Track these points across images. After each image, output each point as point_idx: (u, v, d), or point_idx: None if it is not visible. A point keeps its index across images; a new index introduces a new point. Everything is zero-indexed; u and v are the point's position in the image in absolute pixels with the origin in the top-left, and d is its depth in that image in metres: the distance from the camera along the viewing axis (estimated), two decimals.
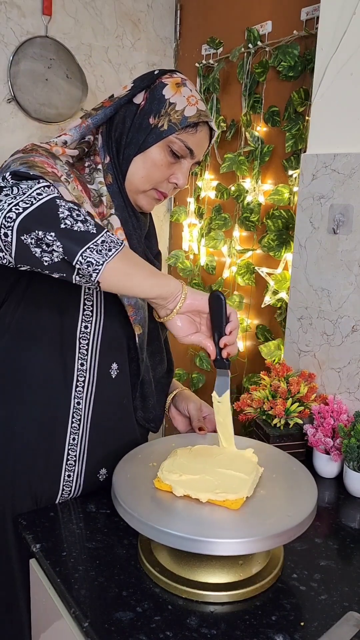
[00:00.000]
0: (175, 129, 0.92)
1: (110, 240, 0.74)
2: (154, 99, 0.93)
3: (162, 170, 0.95)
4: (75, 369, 0.94)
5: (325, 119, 1.28)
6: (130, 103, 0.95)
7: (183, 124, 0.92)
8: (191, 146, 0.94)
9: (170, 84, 0.94)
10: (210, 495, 0.79)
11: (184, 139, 0.93)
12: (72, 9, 1.89)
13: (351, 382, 1.26)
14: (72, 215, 0.72)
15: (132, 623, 0.73)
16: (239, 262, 1.82)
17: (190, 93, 0.94)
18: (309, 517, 0.78)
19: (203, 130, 0.95)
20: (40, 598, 0.90)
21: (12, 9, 1.78)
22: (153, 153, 0.93)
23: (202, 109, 0.94)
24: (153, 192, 0.97)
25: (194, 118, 0.92)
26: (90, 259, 0.71)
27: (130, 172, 0.95)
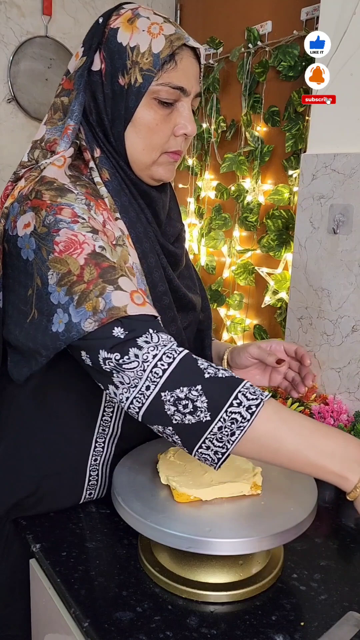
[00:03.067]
0: (152, 76, 0.75)
1: (231, 422, 0.67)
2: (112, 54, 0.76)
3: (161, 129, 0.79)
4: (103, 399, 0.90)
5: (325, 119, 1.28)
6: (91, 74, 0.79)
7: (157, 65, 0.75)
8: (179, 83, 0.77)
9: (121, 25, 0.76)
10: (231, 492, 0.81)
11: (166, 80, 0.76)
12: (72, 8, 1.89)
13: (351, 382, 1.26)
14: (179, 408, 0.67)
15: (132, 623, 0.73)
16: (239, 262, 1.82)
17: (149, 22, 0.76)
18: (309, 517, 0.78)
19: (184, 58, 0.78)
20: (40, 598, 0.90)
21: (12, 8, 1.78)
22: (141, 116, 0.78)
23: (170, 32, 0.77)
24: (164, 156, 0.82)
25: (166, 50, 0.75)
26: (237, 411, 0.66)
27: (129, 150, 0.81)
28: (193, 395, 0.67)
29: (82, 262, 0.71)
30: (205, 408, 0.67)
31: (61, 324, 0.71)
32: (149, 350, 0.69)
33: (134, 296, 0.71)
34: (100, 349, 0.70)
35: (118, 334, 0.69)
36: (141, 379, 0.69)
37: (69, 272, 0.71)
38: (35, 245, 0.73)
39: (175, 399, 0.67)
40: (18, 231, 0.75)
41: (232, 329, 1.87)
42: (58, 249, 0.71)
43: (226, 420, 0.66)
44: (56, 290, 0.71)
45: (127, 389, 0.70)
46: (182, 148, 0.83)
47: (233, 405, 0.67)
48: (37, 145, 0.84)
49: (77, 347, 0.72)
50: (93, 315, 0.69)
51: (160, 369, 0.68)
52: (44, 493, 0.93)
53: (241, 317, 1.86)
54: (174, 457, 0.89)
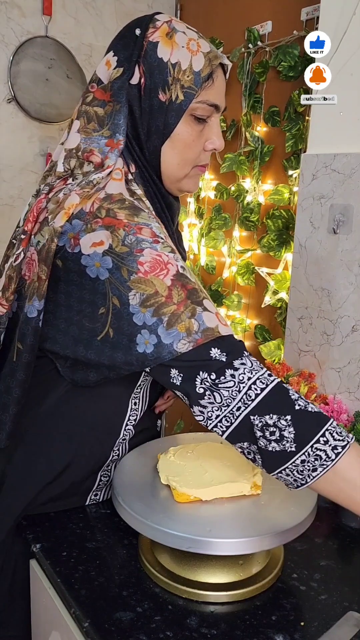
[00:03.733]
0: (194, 94, 0.76)
1: (315, 458, 0.68)
2: (152, 69, 0.76)
3: (196, 145, 0.81)
4: (129, 408, 0.92)
5: (325, 119, 1.28)
6: (129, 87, 0.78)
7: (198, 83, 0.76)
8: (215, 101, 0.79)
9: (161, 40, 0.76)
10: (232, 491, 0.81)
11: (204, 98, 0.77)
12: (72, 9, 1.89)
13: (351, 382, 1.26)
14: (266, 434, 0.69)
15: (132, 623, 0.73)
16: (239, 262, 1.82)
17: (186, 38, 0.76)
18: (309, 517, 0.78)
19: (219, 75, 0.79)
20: (40, 598, 0.90)
21: (13, 9, 1.78)
22: (180, 133, 0.78)
23: (207, 50, 0.77)
24: (194, 170, 0.84)
25: (206, 69, 0.76)
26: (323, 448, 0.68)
27: (164, 165, 0.81)
28: (282, 424, 0.69)
29: (169, 284, 0.72)
30: (292, 439, 0.68)
31: (148, 345, 0.72)
32: (244, 372, 0.71)
33: (219, 317, 0.74)
34: (200, 370, 0.71)
35: (217, 355, 0.71)
36: (234, 399, 0.71)
37: (155, 293, 0.71)
38: (112, 265, 0.72)
39: (264, 425, 0.69)
40: (82, 249, 0.73)
41: (232, 329, 1.87)
42: (143, 269, 0.71)
43: (310, 455, 0.68)
44: (140, 312, 0.71)
45: (218, 408, 0.72)
46: (208, 162, 0.86)
47: (320, 442, 0.68)
48: (73, 154, 0.81)
49: (167, 366, 0.73)
50: (187, 337, 0.71)
51: (254, 393, 0.70)
52: (52, 494, 0.93)
53: (241, 317, 1.86)
54: (174, 457, 0.89)
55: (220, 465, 0.87)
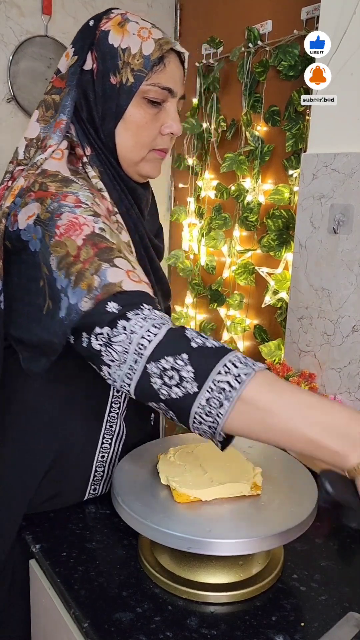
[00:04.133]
0: (143, 76, 0.79)
1: (219, 391, 0.62)
2: (104, 55, 0.80)
3: (150, 127, 0.83)
4: (111, 395, 0.92)
5: (325, 118, 1.28)
6: (82, 73, 0.81)
7: (148, 66, 0.79)
8: (167, 84, 0.81)
9: (112, 28, 0.80)
10: (232, 492, 0.81)
11: (155, 81, 0.80)
12: (72, 8, 1.88)
13: (351, 382, 1.26)
14: (165, 380, 0.64)
15: (132, 623, 0.73)
16: (239, 262, 1.82)
17: (138, 26, 0.80)
18: (309, 517, 0.78)
19: (172, 60, 0.82)
20: (40, 598, 0.90)
21: (12, 8, 1.78)
22: (132, 114, 0.81)
23: (158, 37, 0.80)
24: (152, 153, 0.86)
25: (156, 53, 0.79)
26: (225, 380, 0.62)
27: (119, 147, 0.83)
28: (179, 365, 0.63)
29: (80, 243, 0.71)
30: (192, 378, 0.63)
31: (64, 308, 0.70)
32: (137, 322, 0.67)
33: (130, 274, 0.70)
34: (96, 326, 0.68)
35: (112, 308, 0.68)
36: (128, 352, 0.66)
37: (67, 254, 0.70)
38: (41, 234, 0.72)
39: (161, 371, 0.64)
40: (20, 224, 0.74)
41: (232, 329, 1.87)
42: (59, 232, 0.71)
43: (214, 390, 0.62)
44: (58, 275, 0.70)
45: (118, 366, 0.68)
46: (168, 146, 0.87)
47: (221, 373, 0.63)
48: (33, 144, 0.84)
49: (78, 330, 0.70)
50: (88, 294, 0.68)
51: (147, 340, 0.66)
52: (50, 490, 0.93)
53: (241, 317, 1.86)
54: (174, 457, 0.89)
55: (220, 465, 0.87)
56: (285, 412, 0.63)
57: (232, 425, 0.64)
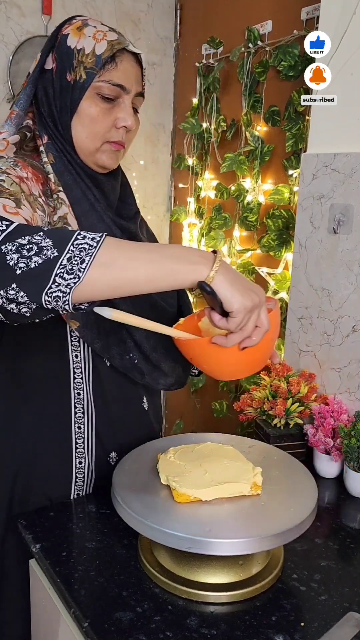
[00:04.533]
0: (94, 73, 0.86)
1: (79, 250, 0.66)
2: (62, 55, 0.88)
3: (102, 121, 0.89)
4: (71, 362, 0.94)
5: (325, 118, 1.28)
6: (44, 72, 0.90)
7: (99, 64, 0.86)
8: (119, 82, 0.87)
9: (71, 32, 0.88)
10: (232, 492, 0.81)
11: (107, 78, 0.86)
12: (72, 8, 1.89)
13: (351, 382, 1.26)
14: (23, 253, 0.65)
15: (132, 623, 0.73)
16: (239, 262, 1.81)
17: (95, 30, 0.87)
18: (309, 517, 0.78)
19: (125, 60, 0.88)
20: (40, 598, 0.90)
21: (12, 8, 1.78)
22: (85, 108, 0.88)
23: (112, 38, 0.87)
24: (107, 145, 0.91)
25: (107, 52, 0.86)
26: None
27: (75, 138, 0.90)
28: (36, 239, 0.66)
29: None
30: (51, 246, 0.66)
31: None
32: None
33: (6, 207, 0.74)
34: None
35: None
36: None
37: None
38: None
39: (18, 247, 0.66)
40: None
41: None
42: None
43: (74, 250, 0.66)
44: None
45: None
46: (123, 139, 0.91)
47: (78, 239, 0.67)
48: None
49: None
50: None
51: (0, 230, 0.67)
52: (32, 476, 0.96)
53: None
54: (174, 457, 0.89)
55: (220, 465, 0.87)
56: (142, 254, 0.69)
57: (93, 278, 0.66)
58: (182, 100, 2.14)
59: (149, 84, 2.11)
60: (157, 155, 2.20)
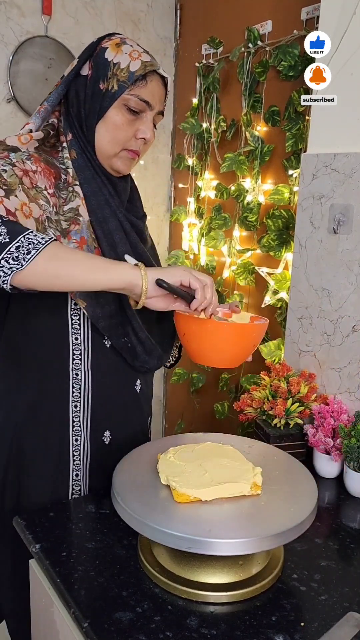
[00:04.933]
0: (126, 87, 0.94)
1: (28, 243, 0.77)
2: (98, 65, 0.95)
3: (125, 130, 0.97)
4: (71, 344, 0.99)
5: (325, 118, 1.28)
6: (79, 76, 0.98)
7: (131, 80, 0.94)
8: (146, 98, 0.95)
9: (110, 46, 0.95)
10: (232, 492, 0.81)
11: (136, 93, 0.95)
12: (72, 8, 1.88)
13: (351, 382, 1.26)
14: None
15: (132, 623, 0.73)
16: (239, 262, 1.82)
17: (131, 49, 0.95)
18: (309, 517, 0.78)
19: (154, 80, 0.96)
20: (40, 598, 0.90)
21: (12, 8, 1.78)
22: (112, 116, 0.95)
23: (146, 60, 0.95)
24: (124, 152, 0.99)
25: (140, 71, 0.94)
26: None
27: (97, 140, 0.98)
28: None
29: None
30: (4, 233, 0.77)
31: None
32: None
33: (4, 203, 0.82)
34: None
35: None
36: None
37: None
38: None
39: None
40: None
41: None
42: None
43: (24, 242, 0.77)
44: None
45: None
46: (139, 149, 1.00)
47: (29, 235, 0.78)
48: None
49: None
50: None
51: None
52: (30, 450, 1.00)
53: None
54: (174, 457, 0.89)
55: (220, 465, 0.87)
56: (83, 257, 0.83)
57: (36, 268, 0.77)
58: (182, 100, 2.14)
59: None
60: (157, 155, 2.20)
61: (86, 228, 0.94)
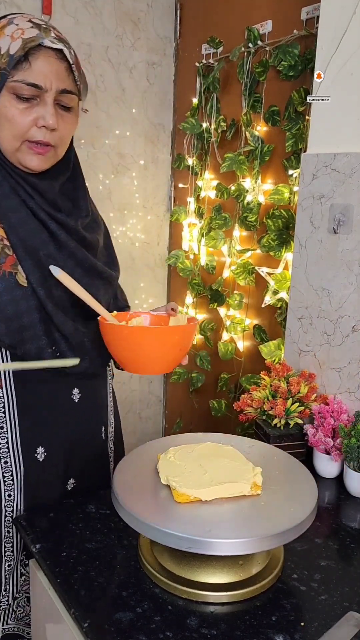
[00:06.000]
0: (7, 74, 0.83)
1: None
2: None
3: (21, 120, 0.86)
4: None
5: (325, 118, 1.28)
6: None
7: (11, 64, 0.83)
8: (34, 81, 0.84)
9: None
10: (232, 492, 0.81)
11: (21, 78, 0.84)
12: (72, 8, 1.88)
13: (351, 382, 1.26)
14: None
15: (132, 623, 0.73)
16: (239, 262, 1.82)
17: (15, 27, 0.84)
18: (309, 517, 0.78)
19: (40, 57, 0.84)
20: (40, 598, 0.90)
21: (12, 8, 1.78)
22: (1, 109, 0.86)
23: (29, 36, 0.84)
24: (25, 145, 0.89)
25: (19, 52, 0.83)
26: None
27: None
28: None
29: None
30: None
31: None
32: None
33: None
34: None
35: None
36: None
37: None
38: None
39: None
40: None
41: (232, 329, 1.87)
42: None
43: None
44: None
45: None
46: (46, 139, 0.88)
47: None
48: None
49: None
50: None
51: None
52: None
53: (241, 317, 1.86)
54: (173, 457, 0.89)
55: (220, 465, 0.87)
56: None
57: None
58: (182, 100, 2.14)
59: (148, 83, 2.11)
60: (157, 155, 2.20)
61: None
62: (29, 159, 0.90)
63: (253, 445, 0.98)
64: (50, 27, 0.87)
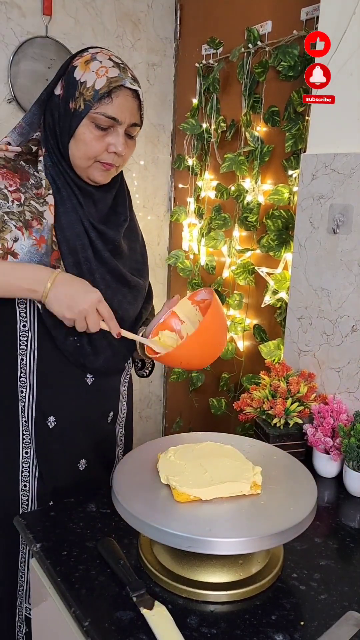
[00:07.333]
0: (91, 106, 0.96)
1: None
2: (68, 84, 0.99)
3: (95, 145, 0.99)
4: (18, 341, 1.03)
5: (325, 119, 1.28)
6: (53, 95, 1.02)
7: (96, 98, 0.96)
8: (112, 115, 0.97)
9: (79, 64, 0.99)
10: (232, 491, 0.81)
11: (102, 111, 0.97)
12: (72, 9, 1.89)
13: (351, 382, 1.26)
14: None
15: (132, 622, 0.73)
16: (238, 262, 1.82)
17: (99, 65, 0.97)
18: (308, 517, 0.78)
19: (120, 95, 0.98)
20: (40, 597, 0.90)
21: (13, 9, 1.78)
22: (80, 134, 0.99)
23: (112, 75, 0.97)
24: (97, 164, 1.02)
25: (104, 89, 0.96)
26: None
27: (71, 156, 1.02)
28: None
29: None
30: None
31: None
32: None
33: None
34: None
35: None
36: None
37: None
38: None
39: None
40: None
41: (232, 328, 1.87)
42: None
43: None
44: None
45: None
46: (113, 162, 1.03)
47: None
48: None
49: None
50: None
51: None
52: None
53: (241, 317, 1.86)
54: (174, 457, 0.89)
55: (220, 465, 0.87)
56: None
57: None
58: (182, 100, 2.15)
59: (148, 84, 2.11)
60: (157, 156, 2.21)
61: (48, 230, 0.98)
62: (98, 174, 1.03)
63: (253, 445, 0.98)
64: (126, 66, 1.01)
